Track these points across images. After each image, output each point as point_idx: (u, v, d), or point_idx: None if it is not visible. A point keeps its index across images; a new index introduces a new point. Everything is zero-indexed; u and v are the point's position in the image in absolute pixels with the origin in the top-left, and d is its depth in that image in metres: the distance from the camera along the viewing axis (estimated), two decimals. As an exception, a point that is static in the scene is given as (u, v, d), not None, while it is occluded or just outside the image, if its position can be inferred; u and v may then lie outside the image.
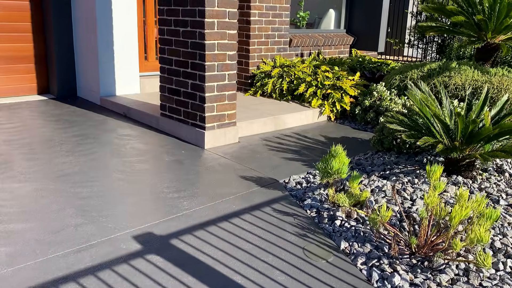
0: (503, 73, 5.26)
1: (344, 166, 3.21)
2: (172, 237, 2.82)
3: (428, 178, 2.71)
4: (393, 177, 3.71)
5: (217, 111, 4.38)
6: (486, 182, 3.63)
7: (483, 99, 3.92)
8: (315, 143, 4.79)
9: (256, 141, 4.71)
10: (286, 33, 6.83)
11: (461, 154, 3.36)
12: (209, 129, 4.36)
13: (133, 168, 3.84)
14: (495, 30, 5.26)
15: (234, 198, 3.37)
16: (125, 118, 5.25)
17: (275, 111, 5.41)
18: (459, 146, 3.42)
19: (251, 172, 3.88)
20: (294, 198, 3.46)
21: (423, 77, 5.45)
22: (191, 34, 4.25)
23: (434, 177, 2.69)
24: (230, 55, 4.33)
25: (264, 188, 3.58)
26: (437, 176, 2.69)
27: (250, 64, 6.48)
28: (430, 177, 2.69)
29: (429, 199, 2.57)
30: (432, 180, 2.70)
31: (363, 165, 4.03)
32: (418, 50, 10.78)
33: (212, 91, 4.29)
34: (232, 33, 4.29)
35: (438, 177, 2.69)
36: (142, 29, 6.26)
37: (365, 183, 3.59)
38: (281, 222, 3.08)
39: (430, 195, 2.58)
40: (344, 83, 5.75)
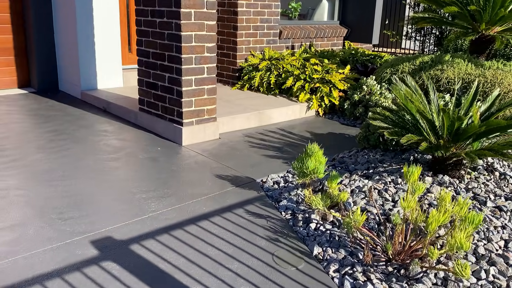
0: (498, 66, 5.04)
1: (321, 165, 3.02)
2: (133, 242, 2.64)
3: (406, 180, 2.52)
4: (376, 176, 3.52)
5: (195, 106, 4.19)
6: (474, 182, 3.44)
7: (472, 94, 3.72)
8: (300, 139, 4.60)
9: (238, 138, 4.52)
10: (276, 25, 6.61)
11: (446, 152, 3.17)
12: (187, 125, 4.17)
13: (104, 166, 3.66)
14: (490, 21, 5.03)
15: (206, 199, 3.19)
16: (105, 113, 5.07)
17: (260, 105, 5.22)
18: (444, 144, 3.22)
19: (228, 170, 3.69)
20: (270, 198, 3.28)
21: (415, 70, 5.24)
22: (168, 25, 4.05)
23: (412, 179, 2.50)
24: (209, 47, 4.13)
25: (239, 188, 3.39)
26: (415, 178, 2.50)
27: (238, 57, 6.27)
28: (408, 179, 2.51)
29: (405, 203, 2.39)
30: (410, 182, 2.51)
31: (346, 163, 3.84)
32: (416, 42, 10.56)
33: (189, 85, 4.10)
34: (211, 24, 4.09)
35: (416, 179, 2.50)
36: (126, 20, 6.06)
37: (346, 183, 3.40)
38: (252, 225, 2.90)
39: (407, 198, 2.39)
40: (333, 76, 5.55)
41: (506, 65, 5.25)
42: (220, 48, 6.45)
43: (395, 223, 2.38)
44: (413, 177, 2.48)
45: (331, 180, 3.12)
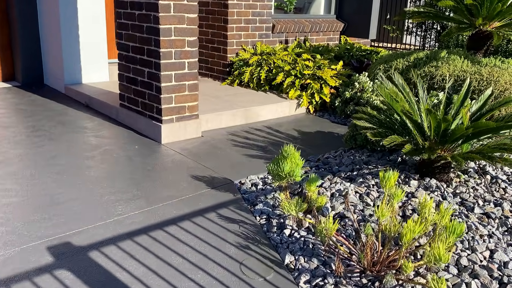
0: (495, 63, 4.84)
1: (297, 168, 2.85)
2: (93, 248, 2.49)
3: (382, 186, 2.35)
4: (359, 178, 3.35)
5: (175, 103, 4.03)
6: (463, 186, 3.26)
7: (464, 93, 3.53)
8: (286, 138, 4.42)
9: (221, 136, 4.36)
10: (268, 18, 6.42)
11: (431, 155, 2.99)
12: (166, 122, 4.01)
13: (76, 165, 3.51)
14: (488, 16, 4.83)
15: (178, 202, 3.03)
16: (87, 108, 4.91)
17: (248, 102, 5.05)
18: (430, 147, 3.04)
19: (206, 171, 3.53)
20: (246, 202, 3.12)
21: (409, 67, 5.04)
22: (146, 18, 3.88)
23: (389, 185, 2.33)
24: (190, 41, 3.96)
25: (215, 190, 3.23)
26: (391, 184, 2.33)
27: (229, 51, 6.09)
28: (384, 185, 2.33)
29: (379, 212, 2.22)
30: (386, 189, 2.33)
31: (331, 164, 3.67)
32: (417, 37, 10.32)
33: (169, 80, 3.93)
34: (192, 17, 3.92)
35: (392, 185, 2.33)
36: (112, 12, 5.89)
37: (326, 186, 3.23)
38: (223, 230, 2.74)
39: (381, 207, 2.22)
40: (325, 72, 5.36)
41: (504, 62, 5.04)
42: (211, 42, 6.28)
43: (366, 233, 2.21)
44: (389, 183, 2.31)
45: (309, 183, 2.96)
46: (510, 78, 4.50)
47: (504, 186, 3.34)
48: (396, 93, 3.16)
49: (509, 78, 4.51)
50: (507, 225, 2.84)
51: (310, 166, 3.67)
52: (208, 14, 6.22)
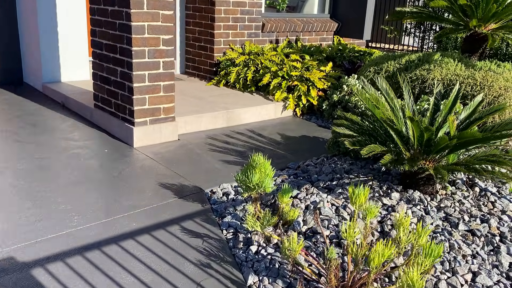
0: (490, 67, 4.62)
1: (267, 179, 2.63)
2: (38, 264, 2.28)
3: (351, 203, 2.14)
4: (338, 189, 3.13)
5: (149, 104, 3.82)
6: (448, 200, 3.04)
7: (452, 99, 3.31)
8: (268, 143, 4.21)
9: (200, 139, 4.14)
10: (258, 17, 6.20)
11: (412, 167, 2.77)
12: (139, 125, 3.80)
13: (36, 170, 3.30)
14: (483, 17, 4.60)
15: (140, 213, 2.82)
16: (63, 108, 4.70)
17: (232, 104, 4.83)
18: (411, 157, 2.82)
19: (176, 178, 3.32)
20: (214, 213, 2.90)
21: (400, 69, 4.82)
22: (119, 14, 3.67)
23: (358, 203, 2.11)
24: (165, 39, 3.75)
25: (183, 200, 3.02)
26: (361, 201, 2.11)
27: (215, 50, 5.88)
28: (353, 202, 2.12)
29: (347, 232, 2.00)
30: (356, 206, 2.12)
31: (310, 172, 3.45)
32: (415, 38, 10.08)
33: (142, 81, 3.72)
34: (167, 14, 3.70)
35: (363, 202, 2.12)
36: (95, 9, 5.67)
37: (302, 197, 3.02)
38: (185, 246, 2.53)
39: (349, 227, 2.00)
40: (313, 74, 5.14)
41: (500, 66, 4.82)
42: (197, 40, 6.06)
43: (329, 257, 1.99)
44: (359, 200, 2.10)
45: (282, 194, 2.75)
46: (505, 83, 4.28)
47: (493, 200, 3.12)
48: (377, 99, 2.94)
49: (504, 83, 4.28)
50: (493, 244, 2.62)
51: (288, 174, 3.46)
52: (195, 11, 6.01)
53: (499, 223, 2.82)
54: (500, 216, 2.89)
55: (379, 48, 10.87)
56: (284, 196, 2.75)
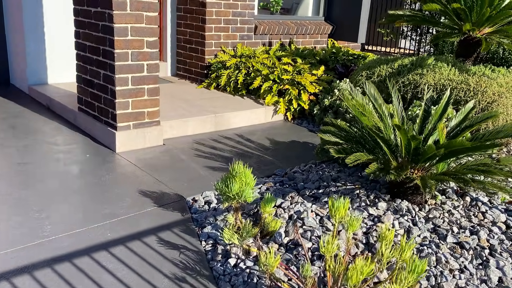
0: (485, 72, 4.52)
1: (248, 188, 2.53)
2: (2, 278, 2.17)
3: (331, 216, 2.03)
4: (324, 197, 3.03)
5: (133, 108, 3.72)
6: (437, 210, 2.94)
7: (443, 105, 3.21)
8: (256, 148, 4.11)
9: (186, 144, 4.04)
10: (250, 19, 6.10)
11: (398, 176, 2.66)
12: (122, 129, 3.70)
13: (14, 175, 3.20)
14: (477, 21, 4.50)
15: (116, 222, 2.72)
16: (48, 111, 4.60)
17: (221, 107, 4.73)
18: (398, 166, 2.72)
19: (157, 185, 3.21)
20: (194, 223, 2.80)
21: (392, 74, 4.72)
22: (102, 16, 3.57)
23: (338, 216, 2.01)
24: (149, 41, 3.65)
25: (162, 209, 2.92)
26: (341, 214, 2.01)
27: (206, 53, 5.77)
28: (333, 215, 2.02)
29: (325, 247, 1.90)
30: (335, 220, 2.02)
31: (296, 180, 3.35)
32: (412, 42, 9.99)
33: (125, 84, 3.62)
34: (151, 16, 3.60)
35: (342, 215, 2.01)
36: (84, 10, 5.57)
37: (286, 206, 2.91)
38: (160, 259, 2.43)
39: (327, 241, 1.90)
40: (304, 78, 5.04)
41: (494, 71, 4.72)
42: (189, 42, 5.96)
43: (304, 275, 1.89)
44: (339, 213, 1.99)
45: (264, 204, 2.65)
46: (499, 89, 4.18)
47: (484, 210, 3.02)
48: (363, 106, 2.84)
49: (498, 88, 4.18)
50: (482, 257, 2.52)
51: (274, 181, 3.35)
52: (186, 13, 5.91)
53: (489, 235, 2.72)
54: (491, 228, 2.79)
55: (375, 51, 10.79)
56: (266, 206, 2.65)
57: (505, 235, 2.74)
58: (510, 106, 4.13)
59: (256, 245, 2.52)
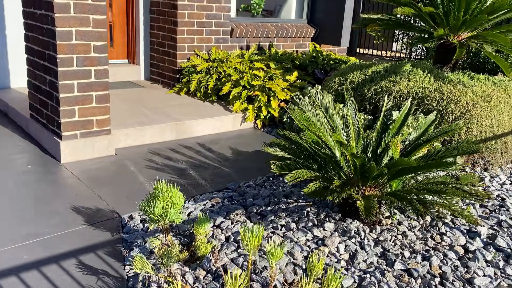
0: (462, 79, 4.28)
1: (174, 209, 2.31)
2: None
3: (243, 246, 1.82)
4: (271, 216, 2.81)
5: (79, 116, 3.51)
6: (391, 231, 2.71)
7: (402, 117, 2.99)
8: (215, 159, 3.89)
9: (139, 154, 3.83)
10: (226, 21, 5.89)
11: (339, 196, 2.42)
12: (67, 139, 3.49)
13: None
14: (454, 26, 4.27)
15: (37, 243, 2.51)
16: (5, 117, 4.41)
17: (186, 114, 4.52)
18: (341, 185, 2.49)
19: (95, 201, 3.00)
20: (124, 244, 2.59)
21: (365, 80, 4.50)
22: (45, 18, 3.37)
23: (251, 247, 1.79)
24: (97, 46, 3.44)
25: (93, 227, 2.71)
26: (253, 245, 1.79)
27: (178, 56, 5.57)
28: (244, 246, 1.80)
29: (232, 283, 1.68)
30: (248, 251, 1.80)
31: (246, 196, 3.13)
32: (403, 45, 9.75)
33: (70, 91, 3.42)
34: (99, 19, 3.40)
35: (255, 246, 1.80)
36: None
37: (225, 226, 2.69)
38: (75, 286, 2.21)
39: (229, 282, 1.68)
40: (275, 84, 4.83)
41: (473, 78, 4.49)
42: (161, 45, 5.76)
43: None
44: (251, 244, 1.77)
45: (198, 225, 2.44)
46: (474, 98, 3.95)
47: (444, 231, 2.80)
48: (307, 119, 2.61)
49: (473, 98, 3.95)
50: (431, 287, 2.30)
51: (223, 196, 3.14)
52: (159, 15, 5.71)
53: (442, 261, 2.49)
54: (446, 252, 2.56)
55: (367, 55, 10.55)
56: (199, 227, 2.44)
57: (460, 261, 2.51)
58: (485, 117, 3.89)
59: (182, 271, 2.31)
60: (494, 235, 2.84)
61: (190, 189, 3.26)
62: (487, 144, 3.88)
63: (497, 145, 3.94)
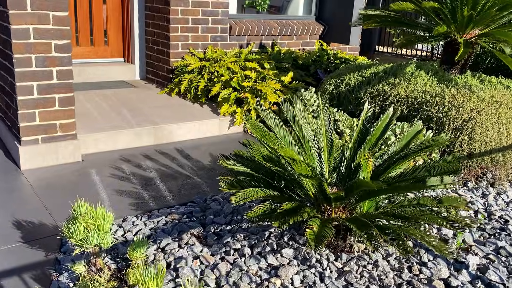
0: (471, 83, 3.85)
1: (100, 232, 2.03)
2: None
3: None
4: (228, 237, 2.50)
5: (41, 120, 3.28)
6: (360, 259, 2.35)
7: (383, 127, 2.62)
8: (190, 167, 3.60)
9: (108, 161, 3.57)
10: (224, 18, 5.58)
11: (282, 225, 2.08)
12: (27, 144, 3.27)
13: None
14: (461, 23, 3.84)
15: (-41, 263, 2.27)
16: (-19, 118, 4.24)
17: (167, 118, 4.24)
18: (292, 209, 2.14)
19: (41, 214, 2.76)
20: (56, 267, 2.32)
21: (362, 83, 4.11)
22: (2, 15, 3.15)
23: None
24: (58, 45, 3.20)
25: (27, 245, 2.45)
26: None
27: (172, 55, 5.30)
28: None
29: None
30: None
31: (208, 212, 2.83)
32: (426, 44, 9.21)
33: (29, 93, 3.19)
34: (60, 16, 3.15)
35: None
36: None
37: (170, 249, 2.39)
38: (-17, 316, 1.96)
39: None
40: (265, 86, 4.49)
41: (483, 80, 4.05)
42: (156, 43, 5.51)
43: None
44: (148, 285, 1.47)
45: (132, 249, 2.16)
46: (479, 104, 3.52)
47: (426, 260, 2.43)
48: (261, 130, 2.29)
49: (477, 104, 3.52)
50: (395, 334, 1.94)
51: (183, 212, 2.84)
52: (153, 11, 5.46)
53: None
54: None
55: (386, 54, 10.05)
56: (135, 252, 2.16)
57: (437, 301, 2.14)
58: (491, 126, 3.46)
59: (107, 303, 2.03)
60: (486, 266, 2.45)
61: (149, 202, 2.97)
62: (493, 156, 3.45)
63: (505, 157, 3.50)
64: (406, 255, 1.94)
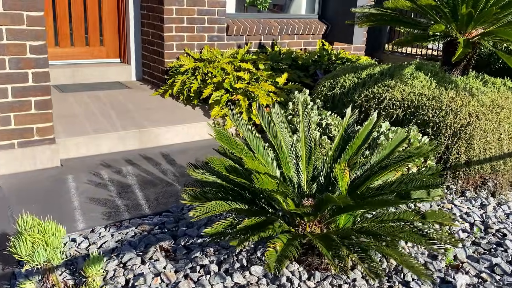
0: (473, 85, 3.63)
1: (45, 249, 1.89)
2: None
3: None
4: (196, 252, 2.34)
5: (16, 124, 3.17)
6: (336, 278, 2.18)
7: (365, 134, 2.43)
8: (172, 173, 3.45)
9: (88, 167, 3.44)
10: (221, 18, 5.43)
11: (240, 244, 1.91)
12: (2, 148, 3.15)
13: None
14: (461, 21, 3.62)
15: None
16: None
17: (155, 120, 4.10)
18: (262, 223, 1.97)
19: (6, 224, 2.63)
20: (11, 281, 2.19)
21: (357, 85, 3.92)
22: (-25, 16, 3.04)
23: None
24: (33, 46, 3.08)
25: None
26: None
27: (166, 56, 5.17)
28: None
29: None
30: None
31: (181, 223, 2.67)
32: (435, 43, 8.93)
33: (3, 96, 3.07)
34: (35, 16, 3.03)
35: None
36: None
37: (131, 265, 2.24)
38: None
39: None
40: (257, 87, 4.33)
41: (487, 82, 3.82)
42: (151, 44, 5.38)
43: None
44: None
45: (88, 265, 2.01)
46: (479, 108, 3.30)
47: (410, 279, 2.24)
48: (226, 137, 2.12)
49: (477, 107, 3.30)
50: None
51: (154, 223, 2.69)
52: (148, 11, 5.33)
53: (389, 326, 1.94)
54: (399, 313, 2.01)
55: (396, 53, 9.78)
56: (91, 268, 2.02)
57: (415, 327, 1.95)
58: (491, 131, 3.24)
59: (55, 325, 1.89)
60: (477, 286, 2.25)
61: (122, 211, 2.83)
62: (493, 164, 3.23)
63: (506, 165, 3.27)
64: (375, 279, 1.75)
